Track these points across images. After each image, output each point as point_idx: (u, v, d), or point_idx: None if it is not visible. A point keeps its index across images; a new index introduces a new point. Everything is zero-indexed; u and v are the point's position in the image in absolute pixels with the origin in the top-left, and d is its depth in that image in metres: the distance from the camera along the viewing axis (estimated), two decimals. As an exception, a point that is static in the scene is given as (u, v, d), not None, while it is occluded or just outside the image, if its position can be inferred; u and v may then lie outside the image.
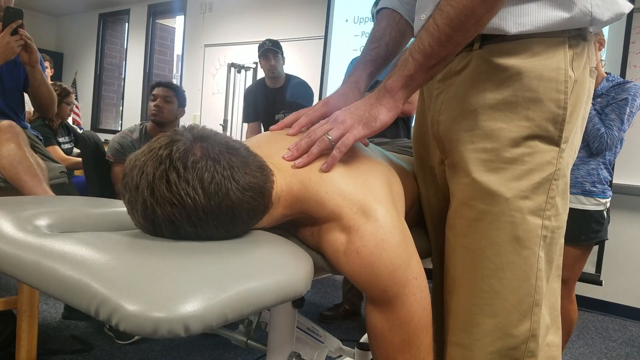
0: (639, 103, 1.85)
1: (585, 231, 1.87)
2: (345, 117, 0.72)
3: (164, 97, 2.42)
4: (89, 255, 0.55)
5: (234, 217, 0.64)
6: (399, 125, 2.33)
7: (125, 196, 0.64)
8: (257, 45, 2.98)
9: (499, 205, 0.68)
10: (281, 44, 2.96)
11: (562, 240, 0.75)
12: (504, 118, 0.68)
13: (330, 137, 0.71)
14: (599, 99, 1.88)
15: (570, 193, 2.03)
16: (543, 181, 0.68)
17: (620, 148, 1.95)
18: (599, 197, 1.88)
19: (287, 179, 0.71)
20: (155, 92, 2.45)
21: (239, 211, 0.64)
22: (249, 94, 3.01)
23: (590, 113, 1.81)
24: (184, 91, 2.55)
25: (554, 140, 0.68)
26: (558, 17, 0.66)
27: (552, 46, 0.67)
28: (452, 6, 0.63)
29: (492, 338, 0.69)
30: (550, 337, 0.73)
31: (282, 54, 2.88)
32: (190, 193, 0.60)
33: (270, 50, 2.82)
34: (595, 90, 1.82)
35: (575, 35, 0.68)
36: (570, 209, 2.09)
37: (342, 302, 2.59)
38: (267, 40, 2.89)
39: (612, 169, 1.97)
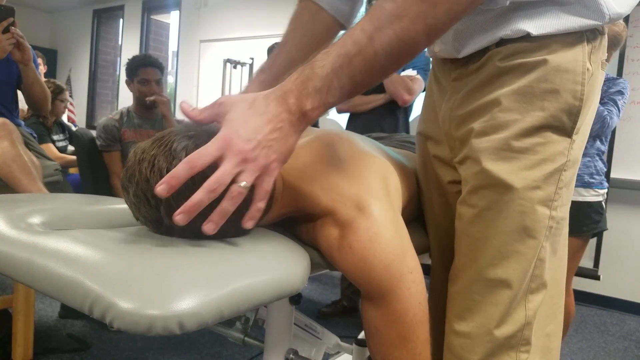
0: (627, 98, 1.95)
1: (586, 222, 1.93)
2: (257, 153, 0.56)
3: (157, 80, 2.30)
4: (82, 252, 0.54)
5: (243, 215, 0.63)
6: (398, 116, 2.33)
7: (129, 190, 0.62)
8: (254, 40, 2.97)
9: (509, 195, 0.68)
10: (278, 39, 2.95)
11: (566, 231, 0.75)
12: (519, 109, 0.68)
13: (243, 184, 0.56)
14: None
15: (570, 186, 2.03)
16: (554, 172, 0.68)
17: (606, 138, 2.01)
18: (598, 188, 1.94)
19: (283, 176, 0.71)
20: (144, 75, 2.29)
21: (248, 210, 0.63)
22: None
23: None
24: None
25: (567, 131, 0.68)
26: (579, 22, 0.66)
27: (570, 41, 0.67)
28: (396, 33, 0.55)
29: (491, 326, 0.69)
30: (552, 328, 0.74)
31: None
32: None
33: None
34: None
35: (592, 30, 0.68)
36: (572, 201, 2.12)
37: (340, 298, 2.59)
38: (275, 43, 2.89)
39: (609, 159, 2.03)
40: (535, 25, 0.66)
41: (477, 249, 0.71)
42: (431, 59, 0.87)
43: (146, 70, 2.29)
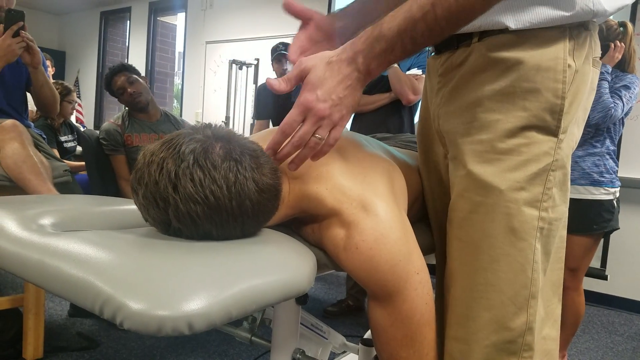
0: (635, 94, 1.92)
1: (597, 220, 1.93)
2: (331, 111, 0.65)
3: (128, 80, 2.28)
4: (93, 253, 0.55)
5: (251, 217, 0.64)
6: (403, 116, 2.33)
7: (138, 192, 0.63)
8: (259, 41, 2.99)
9: (494, 197, 0.67)
10: (283, 40, 2.96)
11: (563, 233, 0.74)
12: (501, 109, 0.68)
13: (319, 137, 0.66)
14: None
15: (579, 184, 2.04)
16: (540, 172, 0.67)
17: (617, 136, 2.00)
18: (608, 187, 1.93)
19: (289, 179, 0.72)
20: (116, 86, 2.28)
21: (256, 212, 0.64)
22: (261, 93, 3.03)
23: (602, 88, 1.86)
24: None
25: (552, 131, 0.68)
26: (559, 15, 0.65)
27: (552, 37, 0.66)
28: (457, 0, 0.59)
29: (488, 331, 0.69)
30: (547, 331, 0.73)
31: None
32: (216, 192, 0.60)
33: (284, 55, 2.85)
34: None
35: (577, 25, 0.67)
36: (581, 200, 2.09)
37: (346, 297, 2.59)
38: (280, 43, 2.92)
39: (617, 158, 2.01)
40: (515, 19, 0.66)
41: (467, 253, 0.71)
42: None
43: (114, 80, 2.30)
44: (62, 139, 2.85)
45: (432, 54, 0.82)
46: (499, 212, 0.67)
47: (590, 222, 1.92)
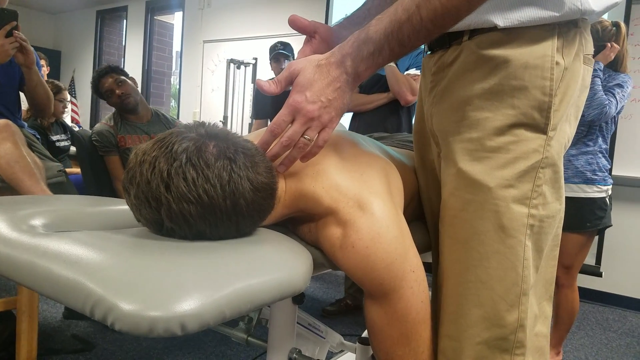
0: (627, 92, 1.96)
1: (590, 218, 1.96)
2: (320, 112, 0.65)
3: (115, 82, 2.26)
4: (84, 254, 0.54)
5: (246, 217, 0.63)
6: (401, 116, 2.32)
7: (130, 192, 0.62)
8: (257, 40, 3.00)
9: (483, 195, 0.67)
10: (280, 39, 2.97)
11: (558, 231, 0.73)
12: (490, 107, 0.68)
13: (308, 138, 0.66)
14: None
15: (573, 182, 2.05)
16: (529, 169, 0.67)
17: (609, 135, 2.03)
18: (601, 185, 1.96)
19: (285, 178, 0.71)
20: (105, 88, 2.26)
21: (250, 212, 0.64)
22: (259, 92, 3.04)
23: (596, 85, 1.89)
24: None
25: (540, 128, 0.67)
26: (547, 15, 0.65)
27: (540, 35, 0.66)
28: (441, 1, 0.59)
29: (479, 328, 0.68)
30: (539, 327, 0.73)
31: (293, 57, 2.90)
32: (209, 191, 0.59)
33: (282, 54, 2.87)
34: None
35: (566, 23, 0.67)
36: (574, 198, 2.11)
37: (344, 297, 2.59)
38: (278, 42, 2.93)
39: (610, 157, 2.04)
40: (503, 17, 0.66)
41: (458, 250, 0.71)
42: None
43: (102, 82, 2.28)
44: (54, 138, 2.83)
45: (428, 52, 0.82)
46: (487, 209, 0.67)
47: (584, 219, 1.95)
